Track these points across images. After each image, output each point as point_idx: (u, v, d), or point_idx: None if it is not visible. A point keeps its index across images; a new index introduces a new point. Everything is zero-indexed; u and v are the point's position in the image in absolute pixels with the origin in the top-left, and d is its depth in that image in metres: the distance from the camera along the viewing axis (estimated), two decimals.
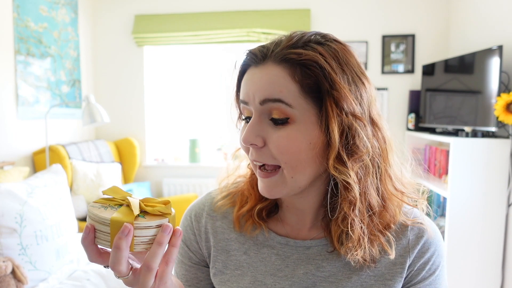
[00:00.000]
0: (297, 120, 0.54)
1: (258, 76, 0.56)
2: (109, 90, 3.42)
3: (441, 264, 0.62)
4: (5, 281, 1.48)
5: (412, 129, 3.00)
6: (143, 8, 3.33)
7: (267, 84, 0.55)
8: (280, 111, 0.54)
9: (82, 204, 2.67)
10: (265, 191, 0.58)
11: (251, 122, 0.56)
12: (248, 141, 0.56)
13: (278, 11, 3.18)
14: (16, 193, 1.65)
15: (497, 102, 1.97)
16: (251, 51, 0.58)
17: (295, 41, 0.55)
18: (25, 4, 2.56)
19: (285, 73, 0.54)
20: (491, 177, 2.14)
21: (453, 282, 2.23)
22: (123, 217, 0.48)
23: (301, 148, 0.54)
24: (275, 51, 0.56)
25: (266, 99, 0.54)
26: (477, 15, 2.61)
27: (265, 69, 0.56)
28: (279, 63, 0.55)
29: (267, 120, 0.56)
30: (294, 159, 0.55)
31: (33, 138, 2.65)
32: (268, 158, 0.56)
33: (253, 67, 0.58)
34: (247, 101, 0.57)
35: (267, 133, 0.56)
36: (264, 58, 0.56)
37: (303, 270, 0.62)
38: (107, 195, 0.54)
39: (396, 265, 0.60)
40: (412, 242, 0.61)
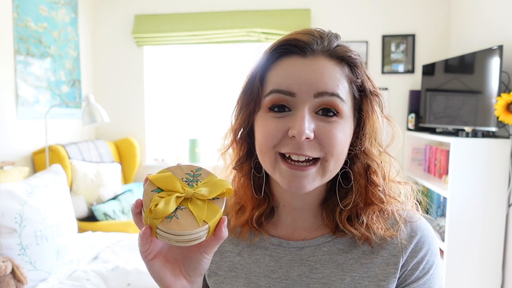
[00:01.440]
0: (344, 116, 0.56)
1: (312, 68, 0.55)
2: (109, 90, 3.42)
3: (435, 263, 0.61)
4: (5, 281, 1.48)
5: (412, 129, 3.00)
6: (143, 8, 3.33)
7: (325, 77, 0.55)
8: (334, 105, 0.55)
9: (82, 204, 2.67)
10: (297, 185, 0.55)
11: (303, 115, 0.53)
12: (306, 135, 0.52)
13: (278, 11, 3.18)
14: (16, 193, 1.65)
15: (497, 102, 1.97)
16: (299, 39, 0.56)
17: (340, 41, 0.59)
18: (25, 4, 2.56)
19: (339, 69, 0.56)
20: (491, 177, 2.14)
21: (453, 282, 2.22)
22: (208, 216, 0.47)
23: (347, 142, 0.57)
24: (328, 45, 0.57)
25: (324, 92, 0.54)
26: (477, 15, 2.60)
27: (319, 62, 0.56)
28: (332, 59, 0.56)
29: (313, 114, 0.55)
30: (340, 151, 0.56)
31: (33, 138, 2.65)
32: (315, 151, 0.55)
33: (299, 56, 0.56)
34: (293, 92, 0.55)
35: (317, 125, 0.55)
36: (314, 50, 0.56)
37: (297, 272, 0.62)
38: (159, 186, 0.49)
39: (389, 265, 0.60)
40: (405, 241, 0.60)
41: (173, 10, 3.29)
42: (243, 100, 0.61)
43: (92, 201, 2.74)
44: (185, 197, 0.49)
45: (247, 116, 0.61)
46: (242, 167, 0.66)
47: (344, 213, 0.61)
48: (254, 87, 0.59)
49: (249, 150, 0.65)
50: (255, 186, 0.64)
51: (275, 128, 0.55)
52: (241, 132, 0.63)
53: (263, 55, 0.60)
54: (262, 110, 0.58)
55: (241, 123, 0.62)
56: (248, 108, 0.60)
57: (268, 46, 0.60)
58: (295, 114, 0.54)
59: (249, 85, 0.60)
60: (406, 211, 0.64)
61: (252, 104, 0.59)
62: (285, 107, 0.56)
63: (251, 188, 0.65)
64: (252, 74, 0.60)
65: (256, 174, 0.64)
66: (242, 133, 0.63)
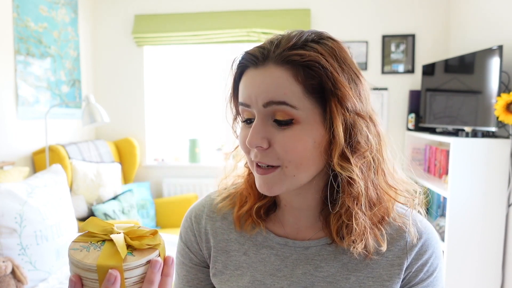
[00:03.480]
0: (301, 121, 0.55)
1: (260, 79, 0.55)
2: (109, 90, 3.42)
3: (438, 266, 0.62)
4: (5, 281, 1.48)
5: (412, 129, 3.00)
6: (143, 8, 3.33)
7: (270, 87, 0.54)
8: (285, 113, 0.54)
9: (82, 204, 2.67)
10: (265, 188, 0.58)
11: (255, 125, 0.56)
12: (254, 144, 0.55)
13: (278, 11, 3.18)
14: (16, 193, 1.65)
15: (497, 102, 1.97)
16: (249, 52, 0.58)
17: (295, 42, 0.55)
18: (25, 4, 2.56)
19: (288, 75, 0.54)
20: (491, 177, 2.14)
21: (453, 282, 2.22)
22: (109, 260, 0.44)
23: (307, 147, 0.55)
24: (276, 52, 0.55)
25: (270, 102, 0.54)
26: (477, 15, 2.61)
27: (267, 71, 0.55)
28: (281, 65, 0.54)
29: (271, 122, 0.56)
30: (298, 158, 0.55)
31: (33, 138, 2.65)
32: (273, 159, 0.56)
33: (253, 68, 0.57)
34: (248, 104, 0.57)
35: (271, 134, 0.56)
36: (264, 60, 0.56)
37: (301, 270, 0.62)
38: (87, 230, 0.49)
39: (394, 266, 0.60)
40: (410, 244, 0.61)
41: (173, 10, 3.29)
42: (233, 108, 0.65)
43: (92, 201, 2.74)
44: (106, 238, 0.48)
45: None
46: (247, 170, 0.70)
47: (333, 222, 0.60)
48: (233, 98, 0.63)
49: None
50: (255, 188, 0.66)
51: (243, 137, 0.59)
52: None
53: (231, 71, 0.62)
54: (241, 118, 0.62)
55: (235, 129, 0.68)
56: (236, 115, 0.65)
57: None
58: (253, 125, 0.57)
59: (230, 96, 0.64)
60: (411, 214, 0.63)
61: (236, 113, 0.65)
62: (251, 118, 0.58)
63: (252, 190, 0.67)
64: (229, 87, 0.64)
65: None
66: None
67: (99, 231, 0.49)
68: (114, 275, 0.43)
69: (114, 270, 0.43)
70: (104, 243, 0.48)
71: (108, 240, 0.48)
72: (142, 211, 3.02)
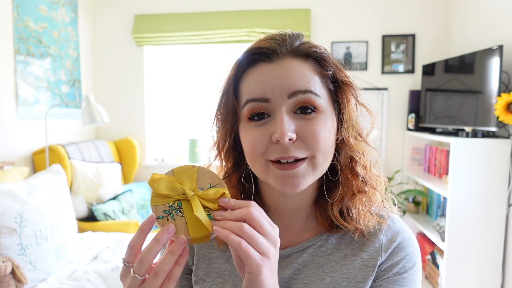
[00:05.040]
0: (323, 109, 0.57)
1: (281, 71, 0.56)
2: (109, 90, 3.42)
3: (412, 270, 0.61)
4: (5, 281, 1.48)
5: (412, 129, 3.00)
6: (143, 8, 3.33)
7: (295, 77, 0.56)
8: (310, 102, 0.56)
9: (82, 204, 2.67)
10: (291, 185, 0.55)
11: (282, 117, 0.54)
12: (288, 136, 0.53)
13: (278, 11, 3.18)
14: (16, 193, 1.65)
15: (498, 102, 1.97)
16: (263, 47, 0.57)
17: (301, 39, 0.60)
18: (25, 4, 2.56)
19: (307, 66, 0.57)
20: (491, 177, 2.14)
21: (453, 282, 2.22)
22: (199, 232, 0.50)
23: (331, 135, 0.58)
24: (292, 46, 0.58)
25: (297, 91, 0.55)
26: (477, 15, 2.60)
27: (286, 64, 0.56)
28: (298, 58, 0.57)
29: (292, 114, 0.56)
30: (326, 145, 0.57)
31: (33, 138, 2.65)
32: (301, 151, 0.55)
33: (265, 63, 0.57)
34: (267, 98, 0.56)
35: (297, 125, 0.55)
36: (280, 53, 0.57)
37: (280, 275, 0.62)
38: (157, 191, 0.52)
39: (368, 267, 0.61)
40: (385, 245, 0.61)
41: (173, 10, 3.29)
42: (222, 115, 0.62)
43: (92, 201, 2.74)
44: (187, 198, 0.51)
45: (229, 129, 0.62)
46: (231, 179, 0.67)
47: (334, 207, 0.62)
48: (229, 101, 0.60)
49: (235, 162, 0.66)
50: (244, 196, 0.66)
51: (259, 136, 0.56)
52: (226, 145, 0.65)
53: (232, 69, 0.61)
54: (243, 121, 0.59)
55: (223, 137, 0.64)
56: (227, 122, 0.62)
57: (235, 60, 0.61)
58: (274, 119, 0.55)
59: (224, 100, 0.61)
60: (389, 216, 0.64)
61: (230, 117, 0.61)
62: (264, 114, 0.57)
63: (240, 198, 0.66)
64: (225, 88, 0.61)
65: (246, 184, 0.65)
66: (226, 146, 0.65)
67: (170, 191, 0.51)
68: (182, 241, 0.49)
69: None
70: (181, 203, 0.51)
71: (183, 200, 0.51)
72: (142, 211, 3.01)
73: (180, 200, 0.51)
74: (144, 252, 0.48)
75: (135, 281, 0.48)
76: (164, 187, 0.51)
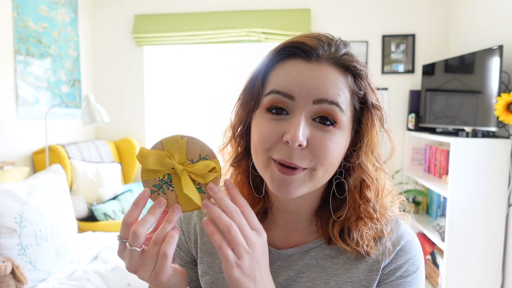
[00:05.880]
0: (342, 126, 0.55)
1: (315, 74, 0.54)
2: (109, 90, 3.42)
3: (415, 274, 0.60)
4: (5, 281, 1.48)
5: (412, 129, 3.00)
6: (143, 8, 3.33)
7: (328, 85, 0.53)
8: (332, 114, 0.53)
9: (82, 204, 2.67)
10: (284, 190, 0.55)
11: (299, 121, 0.52)
12: (299, 142, 0.51)
13: (278, 11, 3.18)
14: (16, 193, 1.65)
15: (498, 102, 1.97)
16: (306, 43, 0.55)
17: (347, 49, 0.57)
18: (24, 4, 2.56)
19: (342, 79, 0.55)
20: (491, 177, 2.14)
21: (453, 282, 2.22)
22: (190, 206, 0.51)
23: (340, 153, 0.56)
24: (334, 53, 0.55)
25: (324, 100, 0.53)
26: (477, 15, 2.60)
27: (323, 68, 0.54)
28: (336, 67, 0.55)
29: (310, 120, 0.54)
30: (332, 162, 0.55)
31: (33, 138, 2.65)
32: (305, 161, 0.53)
33: (303, 60, 0.55)
34: (293, 95, 0.53)
35: (311, 133, 0.53)
36: (320, 56, 0.55)
37: (284, 277, 0.62)
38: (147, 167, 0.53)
39: (372, 272, 0.60)
40: (388, 250, 0.60)
41: (173, 10, 3.29)
42: (244, 98, 0.61)
43: (92, 201, 2.74)
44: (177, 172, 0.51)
45: (246, 114, 0.60)
46: (240, 164, 0.65)
47: (336, 226, 0.61)
48: (256, 85, 0.58)
49: (247, 148, 0.64)
50: (252, 184, 0.64)
51: (271, 131, 0.54)
52: (240, 129, 0.63)
53: (267, 55, 0.59)
54: (260, 109, 0.57)
55: (240, 120, 0.62)
56: (247, 106, 0.60)
57: (274, 47, 0.59)
58: (291, 119, 0.53)
59: (251, 83, 0.60)
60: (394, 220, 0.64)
61: (252, 103, 0.59)
62: (283, 109, 0.54)
63: (247, 186, 0.64)
64: (255, 72, 0.59)
65: (254, 172, 0.63)
66: (240, 130, 0.63)
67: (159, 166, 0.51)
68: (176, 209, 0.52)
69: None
70: (171, 177, 0.52)
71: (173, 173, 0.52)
72: None
73: (170, 174, 0.52)
74: (137, 224, 0.49)
75: (134, 254, 0.49)
76: (153, 162, 0.51)
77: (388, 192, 0.62)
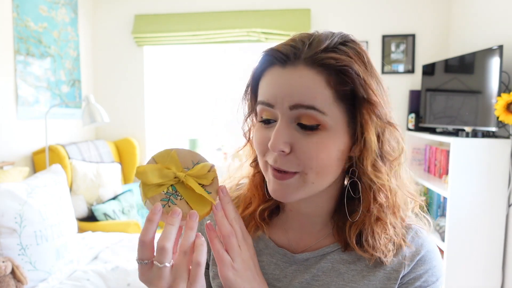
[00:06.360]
0: (328, 127, 0.52)
1: (288, 79, 0.52)
2: (109, 90, 3.42)
3: (434, 285, 0.59)
4: (5, 281, 1.48)
5: (412, 129, 3.00)
6: (143, 8, 3.33)
7: (300, 89, 0.51)
8: (312, 118, 0.51)
9: (82, 204, 2.67)
10: (279, 194, 0.55)
11: (279, 128, 0.52)
12: (278, 148, 0.52)
13: (278, 11, 3.18)
14: (16, 193, 1.65)
15: (498, 102, 1.97)
16: (278, 50, 0.54)
17: (327, 44, 0.53)
18: (24, 4, 2.56)
19: (320, 78, 0.51)
20: (491, 177, 2.14)
21: (453, 282, 2.22)
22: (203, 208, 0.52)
23: (331, 156, 0.53)
24: (308, 53, 0.52)
25: (298, 105, 0.51)
26: (477, 15, 2.60)
27: (297, 72, 0.52)
28: (313, 67, 0.51)
29: (294, 125, 0.53)
30: (321, 165, 0.53)
31: (33, 138, 2.65)
32: (292, 165, 0.53)
33: (279, 67, 0.54)
34: (272, 104, 0.53)
35: (294, 139, 0.53)
36: (295, 59, 0.52)
37: (299, 280, 0.61)
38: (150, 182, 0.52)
39: (390, 280, 0.59)
40: (408, 258, 0.59)
41: (173, 10, 3.29)
42: (247, 105, 0.63)
43: (92, 201, 2.74)
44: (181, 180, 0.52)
45: (252, 120, 0.63)
46: (257, 165, 0.66)
47: (352, 230, 0.59)
48: (250, 95, 0.61)
49: None
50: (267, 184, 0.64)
51: (262, 138, 0.56)
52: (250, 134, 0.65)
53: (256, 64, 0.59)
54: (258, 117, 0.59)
55: (248, 126, 0.64)
56: (249, 114, 0.62)
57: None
58: (275, 126, 0.54)
59: (246, 93, 0.62)
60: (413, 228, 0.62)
61: (252, 112, 0.62)
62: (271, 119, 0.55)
63: (263, 185, 0.65)
64: (248, 82, 0.61)
65: None
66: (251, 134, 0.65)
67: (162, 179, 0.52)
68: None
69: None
70: (175, 187, 0.52)
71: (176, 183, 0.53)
72: (142, 211, 3.01)
73: (173, 184, 0.53)
74: (162, 239, 0.48)
75: (165, 271, 0.48)
76: (155, 176, 0.51)
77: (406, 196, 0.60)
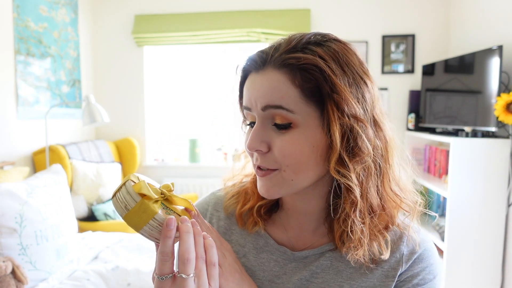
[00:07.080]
0: (299, 125, 0.55)
1: (259, 83, 0.56)
2: (109, 90, 3.42)
3: (432, 282, 0.60)
4: (5, 281, 1.48)
5: (412, 129, 3.00)
6: (143, 8, 3.33)
7: (268, 90, 0.55)
8: (282, 117, 0.54)
9: (82, 204, 2.67)
10: (263, 190, 0.59)
11: (255, 128, 0.57)
12: (253, 147, 0.56)
13: (278, 11, 3.18)
14: (16, 193, 1.65)
15: (497, 102, 1.97)
16: (250, 57, 0.59)
17: (294, 45, 0.55)
18: (25, 4, 2.56)
19: (285, 79, 0.54)
20: (491, 177, 2.14)
21: (453, 282, 2.23)
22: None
23: (304, 152, 0.55)
24: (274, 56, 0.55)
25: (267, 106, 0.55)
26: (477, 15, 2.61)
27: (266, 75, 0.55)
28: (279, 68, 0.55)
29: (271, 126, 0.56)
30: (296, 162, 0.55)
31: (33, 138, 2.65)
32: (270, 163, 0.57)
33: (254, 73, 0.58)
34: (250, 107, 0.58)
35: (271, 138, 0.56)
36: (264, 64, 0.56)
37: (298, 277, 0.62)
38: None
39: (388, 278, 0.60)
40: (406, 257, 0.60)
41: (173, 10, 3.29)
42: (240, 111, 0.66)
43: (92, 201, 2.74)
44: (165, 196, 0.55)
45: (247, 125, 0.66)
46: None
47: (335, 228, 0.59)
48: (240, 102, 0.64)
49: None
50: None
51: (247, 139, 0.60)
52: None
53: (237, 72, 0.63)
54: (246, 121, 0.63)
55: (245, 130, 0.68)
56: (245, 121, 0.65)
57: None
58: None
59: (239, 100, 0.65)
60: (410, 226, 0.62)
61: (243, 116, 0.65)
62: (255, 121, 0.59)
63: None
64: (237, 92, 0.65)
65: None
66: None
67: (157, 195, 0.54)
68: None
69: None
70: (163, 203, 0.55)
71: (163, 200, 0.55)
72: None
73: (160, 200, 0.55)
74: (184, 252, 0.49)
75: (191, 281, 0.49)
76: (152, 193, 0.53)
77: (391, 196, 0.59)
